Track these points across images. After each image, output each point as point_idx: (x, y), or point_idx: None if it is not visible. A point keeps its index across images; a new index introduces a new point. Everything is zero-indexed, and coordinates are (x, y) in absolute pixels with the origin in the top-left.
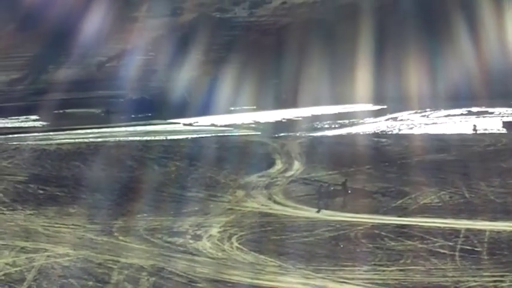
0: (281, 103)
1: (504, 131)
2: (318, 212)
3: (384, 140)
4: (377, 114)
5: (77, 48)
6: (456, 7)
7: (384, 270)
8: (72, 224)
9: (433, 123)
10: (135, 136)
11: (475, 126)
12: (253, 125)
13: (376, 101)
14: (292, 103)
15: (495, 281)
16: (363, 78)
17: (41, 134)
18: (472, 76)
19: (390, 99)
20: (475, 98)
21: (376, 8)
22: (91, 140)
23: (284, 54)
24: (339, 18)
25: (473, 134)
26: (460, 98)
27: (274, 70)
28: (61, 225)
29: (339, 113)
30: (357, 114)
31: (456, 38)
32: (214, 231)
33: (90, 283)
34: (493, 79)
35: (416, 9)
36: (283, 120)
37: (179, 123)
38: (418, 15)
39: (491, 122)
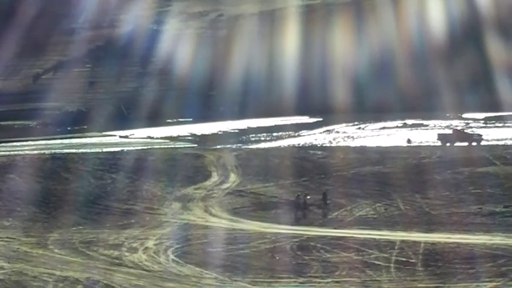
0: (217, 115)
1: (439, 143)
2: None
3: (319, 152)
4: (313, 126)
5: (12, 59)
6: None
7: (319, 282)
8: (7, 237)
9: (369, 136)
10: (71, 148)
11: (409, 138)
12: (190, 137)
13: (312, 114)
14: (229, 115)
15: None
16: (299, 90)
17: None
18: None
19: (326, 112)
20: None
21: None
22: (26, 152)
23: (221, 66)
24: (276, 30)
25: (408, 146)
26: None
27: (210, 82)
28: None
29: (275, 125)
30: (293, 126)
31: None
32: (150, 243)
33: None
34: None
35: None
36: (220, 133)
37: (115, 135)
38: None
39: (426, 135)
